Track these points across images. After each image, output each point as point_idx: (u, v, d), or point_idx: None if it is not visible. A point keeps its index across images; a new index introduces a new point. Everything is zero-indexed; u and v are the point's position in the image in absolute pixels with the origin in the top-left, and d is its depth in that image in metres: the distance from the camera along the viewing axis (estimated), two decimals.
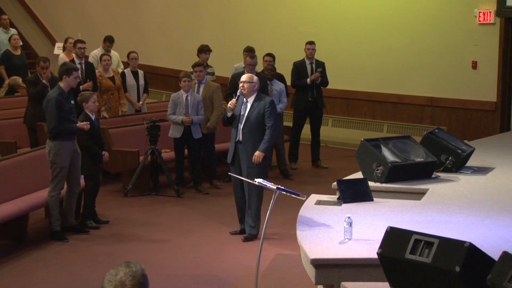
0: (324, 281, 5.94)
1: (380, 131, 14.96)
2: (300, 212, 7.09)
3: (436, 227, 6.35)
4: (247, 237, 9.16)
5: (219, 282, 7.95)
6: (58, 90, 9.25)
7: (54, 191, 9.22)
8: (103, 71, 12.77)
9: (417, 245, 4.89)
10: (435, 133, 9.02)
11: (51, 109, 9.16)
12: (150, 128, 11.22)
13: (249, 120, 9.04)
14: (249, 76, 9.22)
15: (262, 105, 9.06)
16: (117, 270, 3.17)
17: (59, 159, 9.16)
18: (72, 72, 9.27)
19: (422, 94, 14.70)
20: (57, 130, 9.16)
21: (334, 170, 13.11)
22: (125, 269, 3.18)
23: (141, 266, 3.22)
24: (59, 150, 9.16)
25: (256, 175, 8.79)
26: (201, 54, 13.01)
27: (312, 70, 13.15)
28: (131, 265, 3.19)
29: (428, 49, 14.55)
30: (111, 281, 3.15)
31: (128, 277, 3.15)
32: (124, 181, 11.62)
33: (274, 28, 16.14)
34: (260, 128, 9.05)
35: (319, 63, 13.23)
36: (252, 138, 9.03)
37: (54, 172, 9.20)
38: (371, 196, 7.57)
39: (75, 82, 9.39)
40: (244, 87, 9.08)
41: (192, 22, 17.44)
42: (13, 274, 8.14)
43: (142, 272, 3.19)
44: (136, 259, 8.56)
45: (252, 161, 8.97)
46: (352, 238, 6.20)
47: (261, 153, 8.98)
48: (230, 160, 9.19)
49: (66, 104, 9.21)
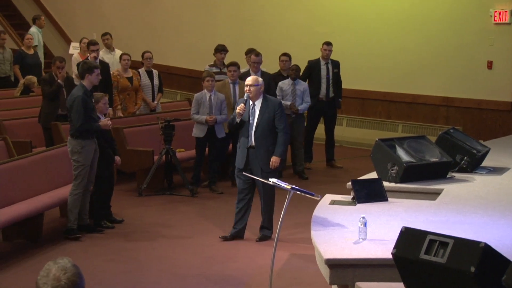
0: (339, 281, 5.92)
1: (394, 131, 14.92)
2: (314, 212, 7.08)
3: (451, 227, 6.33)
4: (261, 238, 9.14)
5: (233, 281, 7.95)
6: (82, 89, 9.27)
7: (77, 189, 9.24)
8: (122, 71, 12.79)
9: (432, 246, 4.87)
10: (450, 133, 8.98)
11: (77, 108, 9.17)
12: (164, 128, 11.23)
13: (260, 125, 8.93)
14: (254, 79, 9.08)
15: (271, 108, 8.96)
16: (47, 270, 3.17)
17: (82, 157, 9.19)
18: (94, 70, 9.30)
19: (437, 94, 14.66)
20: (84, 128, 9.17)
21: (348, 170, 13.09)
22: (54, 266, 3.17)
23: (67, 258, 3.22)
24: (82, 148, 9.20)
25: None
26: (216, 53, 13.00)
27: (327, 70, 13.13)
28: (58, 261, 3.19)
29: (443, 49, 14.50)
30: (46, 283, 3.14)
31: (61, 272, 3.15)
32: (139, 181, 11.64)
33: (288, 28, 16.12)
34: (272, 132, 8.96)
35: (334, 63, 13.22)
36: (265, 142, 8.93)
37: (77, 170, 9.22)
38: (385, 196, 7.55)
39: (97, 79, 9.41)
40: (251, 90, 8.94)
41: (206, 22, 17.45)
42: (28, 273, 8.16)
43: (72, 264, 3.19)
44: (149, 258, 8.60)
45: (270, 167, 8.89)
46: (366, 238, 6.18)
47: (278, 158, 8.91)
48: (242, 165, 9.03)
49: (90, 102, 9.26)
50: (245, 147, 8.99)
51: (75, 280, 3.15)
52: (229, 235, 9.15)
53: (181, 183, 11.69)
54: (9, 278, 8.00)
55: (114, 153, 9.85)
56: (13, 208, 8.85)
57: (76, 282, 3.15)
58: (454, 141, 8.84)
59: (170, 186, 11.63)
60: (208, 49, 14.90)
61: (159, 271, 8.23)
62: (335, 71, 13.15)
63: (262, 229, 9.18)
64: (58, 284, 3.12)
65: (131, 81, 12.78)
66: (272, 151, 8.94)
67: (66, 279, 3.14)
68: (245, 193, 9.08)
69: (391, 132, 14.69)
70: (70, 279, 3.14)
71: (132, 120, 12.47)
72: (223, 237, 9.16)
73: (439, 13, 14.57)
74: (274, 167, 8.92)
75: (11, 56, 15.12)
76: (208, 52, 15.79)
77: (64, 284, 3.12)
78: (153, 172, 11.33)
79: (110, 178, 9.88)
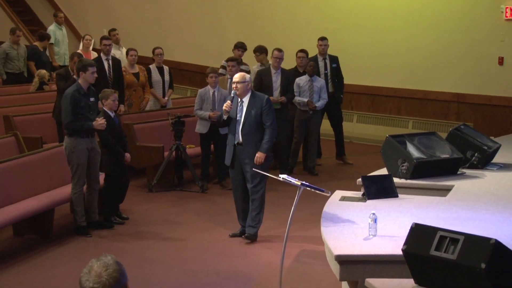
0: (349, 277, 5.92)
1: (405, 127, 14.89)
2: (324, 208, 7.07)
3: (461, 223, 6.32)
4: (248, 237, 9.01)
5: (243, 277, 7.96)
6: (76, 87, 9.25)
7: (76, 188, 9.26)
8: (129, 67, 12.79)
9: (442, 242, 4.86)
10: (461, 130, 8.96)
11: (66, 105, 9.19)
12: (175, 124, 11.23)
13: (248, 121, 8.85)
14: (241, 76, 8.96)
15: (258, 104, 8.87)
16: (89, 267, 3.19)
17: (75, 156, 9.17)
18: (88, 68, 9.24)
19: (448, 90, 14.62)
20: (71, 126, 9.15)
21: (358, 166, 13.07)
22: (97, 263, 3.20)
23: (111, 255, 3.23)
24: (74, 147, 9.17)
25: (260, 177, 8.78)
26: (234, 50, 12.99)
27: (325, 66, 13.08)
28: (101, 258, 3.21)
29: (454, 45, 14.46)
30: (88, 279, 3.16)
31: (102, 268, 3.17)
32: (149, 177, 11.66)
33: (298, 25, 16.10)
34: (259, 128, 8.87)
35: (332, 58, 13.16)
36: (252, 139, 8.85)
37: (72, 170, 9.23)
38: (396, 192, 7.53)
39: (92, 77, 9.33)
40: (238, 87, 8.85)
41: (217, 18, 17.45)
42: (38, 268, 8.19)
43: (114, 260, 3.20)
44: (159, 254, 8.61)
45: (254, 162, 8.79)
46: (376, 234, 6.17)
47: (263, 154, 8.81)
48: (229, 163, 9.00)
49: (82, 100, 9.19)
50: (233, 144, 8.93)
51: (117, 276, 3.17)
52: (238, 232, 9.15)
53: (191, 179, 11.70)
54: (19, 273, 8.03)
55: (124, 150, 9.83)
56: (23, 204, 8.88)
57: (117, 278, 3.16)
58: (465, 137, 8.81)
59: (180, 182, 11.64)
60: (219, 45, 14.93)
61: (169, 267, 8.24)
62: (333, 66, 13.10)
63: (247, 228, 9.04)
64: (100, 281, 3.14)
65: (138, 77, 12.79)
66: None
67: (108, 276, 3.15)
68: (237, 189, 9.06)
69: (402, 128, 14.65)
70: (111, 275, 3.16)
71: (142, 116, 12.48)
72: (232, 235, 9.17)
73: (450, 9, 14.52)
74: (258, 163, 8.77)
75: (25, 52, 15.19)
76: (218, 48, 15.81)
77: (105, 281, 3.14)
78: (163, 168, 11.34)
79: (122, 175, 9.86)
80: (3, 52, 14.94)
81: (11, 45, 15.02)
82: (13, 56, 14.99)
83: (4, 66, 14.96)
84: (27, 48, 15.54)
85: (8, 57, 14.95)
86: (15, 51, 14.99)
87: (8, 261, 8.42)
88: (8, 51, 14.95)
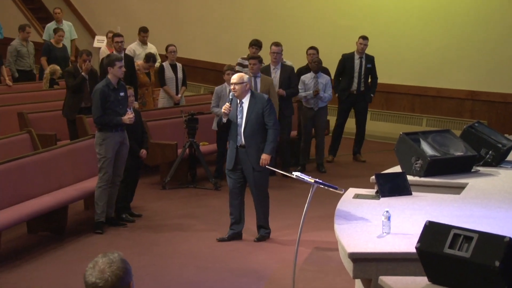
0: (362, 275, 5.91)
1: (419, 125, 14.86)
2: (338, 206, 7.06)
3: (475, 221, 6.29)
4: (259, 238, 8.97)
5: (256, 274, 7.95)
6: (105, 82, 9.32)
7: (101, 182, 9.28)
8: (143, 68, 12.85)
9: (456, 240, 4.85)
10: (475, 127, 8.92)
11: (95, 100, 9.26)
12: (188, 121, 11.24)
13: (249, 122, 8.69)
14: (239, 77, 8.75)
15: (259, 104, 8.71)
16: (94, 262, 3.20)
17: (103, 150, 9.22)
18: (115, 63, 9.31)
19: (462, 88, 14.57)
20: (100, 121, 9.23)
21: (372, 163, 13.06)
22: (102, 259, 3.20)
23: (118, 252, 3.23)
24: (103, 140, 9.23)
25: (264, 178, 8.77)
26: (250, 47, 12.99)
27: (360, 64, 13.11)
28: (108, 254, 3.22)
29: (469, 42, 14.41)
30: (91, 274, 3.17)
31: (106, 265, 3.17)
32: (162, 174, 11.68)
33: (313, 21, 16.08)
34: (261, 129, 8.72)
35: (368, 58, 13.18)
36: (255, 140, 8.70)
37: (100, 163, 9.26)
38: (409, 190, 7.51)
39: (121, 72, 9.40)
40: (236, 88, 8.67)
41: (231, 15, 17.45)
42: (52, 265, 8.22)
43: (120, 258, 3.20)
44: (172, 250, 8.63)
45: (260, 164, 8.68)
46: (390, 232, 6.15)
47: (268, 156, 8.69)
48: (231, 166, 8.82)
49: (111, 95, 9.26)
50: (235, 146, 8.78)
51: (120, 274, 3.17)
52: (226, 237, 8.98)
53: (204, 176, 11.71)
54: (33, 270, 8.06)
55: (141, 146, 9.84)
56: (37, 201, 8.91)
57: (120, 276, 3.17)
58: (479, 135, 8.77)
59: (194, 179, 11.65)
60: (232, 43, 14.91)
61: (182, 264, 8.25)
62: (368, 66, 13.11)
63: (259, 229, 9.01)
64: (102, 276, 3.15)
65: (149, 76, 12.88)
66: (263, 149, 8.72)
67: (110, 272, 3.16)
68: (236, 194, 8.90)
69: (416, 126, 14.63)
70: (115, 272, 3.16)
71: (156, 114, 12.50)
72: (220, 239, 8.99)
73: (465, 6, 14.47)
74: (264, 165, 8.66)
75: (33, 49, 15.20)
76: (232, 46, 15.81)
77: (108, 277, 3.15)
78: (177, 165, 11.36)
79: (133, 171, 9.88)
80: (14, 49, 14.93)
81: (21, 42, 15.02)
82: (24, 53, 14.99)
83: (15, 63, 14.97)
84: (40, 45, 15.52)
85: (19, 55, 14.95)
86: (25, 48, 15.00)
87: (22, 257, 8.45)
88: (19, 48, 14.95)
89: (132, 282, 3.23)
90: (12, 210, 8.51)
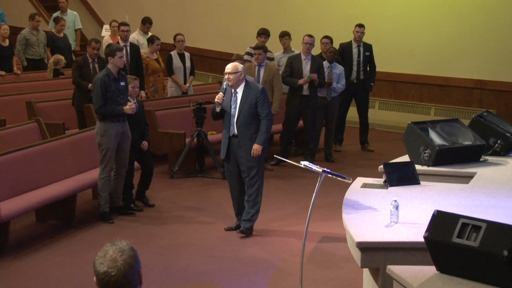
0: (370, 264, 5.91)
1: (427, 114, 14.83)
2: (346, 195, 7.06)
3: (484, 211, 6.28)
4: (243, 231, 8.82)
5: (265, 264, 7.97)
6: (105, 71, 9.33)
7: (103, 173, 9.30)
8: (150, 53, 12.83)
9: (464, 229, 4.84)
10: (484, 116, 8.90)
11: (96, 90, 9.26)
12: (196, 110, 11.25)
13: (242, 112, 8.58)
14: (233, 66, 8.64)
15: (253, 94, 8.58)
16: (104, 251, 3.21)
17: (104, 141, 9.23)
18: (115, 53, 9.30)
19: (470, 77, 14.53)
20: (101, 111, 9.23)
21: (380, 153, 13.05)
22: (112, 247, 3.21)
23: (126, 241, 3.25)
24: (105, 131, 9.23)
25: (256, 169, 8.66)
26: (258, 37, 12.97)
27: (359, 53, 13.10)
28: (117, 243, 3.23)
29: (477, 31, 14.36)
30: (102, 263, 3.17)
31: (118, 253, 3.18)
32: (170, 163, 11.69)
33: (321, 11, 16.04)
34: (255, 119, 8.61)
35: (367, 46, 13.17)
36: (248, 130, 8.60)
37: (101, 154, 9.27)
38: (417, 179, 7.50)
39: (121, 62, 9.40)
40: (230, 78, 8.58)
41: (239, 5, 17.41)
42: (61, 254, 8.25)
43: (129, 246, 3.22)
44: (181, 240, 8.65)
45: (251, 155, 8.60)
46: (398, 221, 6.15)
47: (260, 146, 8.57)
48: (224, 156, 8.75)
49: (112, 85, 9.26)
50: (227, 136, 8.70)
51: (131, 262, 3.19)
52: (234, 226, 8.96)
53: (212, 165, 11.72)
54: (42, 259, 8.09)
55: (143, 138, 9.82)
56: (46, 190, 8.94)
57: (131, 264, 3.19)
58: (488, 124, 8.75)
59: (202, 168, 11.67)
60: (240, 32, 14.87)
61: (191, 254, 8.26)
62: (366, 54, 13.09)
63: (243, 222, 8.85)
64: (114, 265, 3.16)
65: (159, 63, 12.86)
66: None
67: (122, 261, 3.17)
68: (234, 185, 8.82)
69: (424, 115, 14.59)
70: (126, 261, 3.18)
71: (164, 103, 12.51)
72: (228, 228, 8.97)
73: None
74: (255, 155, 8.56)
75: (45, 38, 15.18)
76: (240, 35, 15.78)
77: (120, 266, 3.16)
78: (185, 155, 11.37)
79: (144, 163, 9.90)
80: (23, 38, 14.91)
81: (31, 31, 14.99)
82: (33, 42, 14.97)
83: (25, 52, 14.97)
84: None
85: (28, 43, 14.93)
86: (34, 37, 14.98)
87: (31, 246, 8.49)
88: (28, 37, 14.93)
89: (141, 271, 3.24)
90: (20, 198, 8.54)
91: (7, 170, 8.65)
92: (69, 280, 7.55)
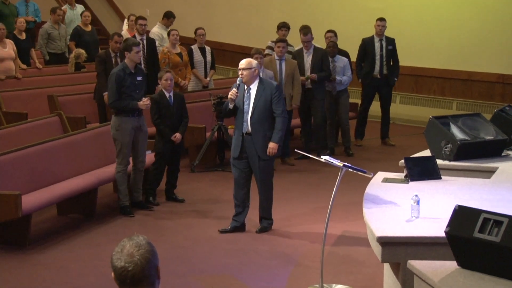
0: (391, 259, 5.89)
1: (449, 108, 14.76)
2: (366, 190, 7.04)
3: (505, 206, 6.24)
4: (261, 229, 8.75)
5: (285, 258, 7.97)
6: (121, 66, 9.36)
7: (120, 167, 9.32)
8: (171, 47, 12.82)
9: (486, 224, 4.82)
10: (506, 111, 8.84)
11: (110, 84, 9.30)
12: (217, 104, 11.24)
13: (257, 109, 8.44)
14: (247, 62, 8.49)
15: (268, 91, 8.45)
16: (121, 246, 3.20)
17: (119, 135, 9.25)
18: (132, 48, 9.31)
19: (492, 71, 14.45)
20: (115, 105, 9.25)
21: (401, 147, 13.00)
22: (129, 242, 3.21)
23: (143, 236, 3.25)
24: (119, 125, 9.25)
25: (269, 168, 8.62)
26: (278, 31, 12.95)
27: (381, 47, 13.04)
28: (134, 238, 3.22)
29: (500, 25, 14.27)
30: (119, 258, 3.17)
31: (135, 248, 3.18)
32: (191, 157, 11.71)
33: (342, 5, 16.01)
34: (269, 117, 8.47)
35: (389, 40, 13.11)
36: (262, 128, 8.46)
37: (117, 148, 9.30)
38: (439, 174, 7.46)
39: (138, 57, 9.42)
40: (243, 74, 8.43)
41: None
42: (82, 247, 8.28)
43: (146, 241, 3.22)
44: (202, 233, 8.66)
45: (267, 153, 8.47)
46: (419, 216, 6.13)
47: (276, 144, 8.44)
48: (236, 154, 8.56)
49: (127, 79, 9.27)
50: (240, 134, 8.54)
51: (148, 257, 3.18)
52: (229, 228, 8.79)
53: None
54: (63, 252, 8.13)
55: (175, 129, 9.77)
56: (67, 183, 8.98)
57: (149, 259, 3.18)
58: (510, 118, 8.69)
59: (222, 162, 11.68)
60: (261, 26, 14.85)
61: (210, 247, 8.27)
62: (389, 48, 13.03)
63: (261, 220, 8.82)
64: (132, 260, 3.16)
65: (181, 57, 12.84)
66: (270, 137, 8.49)
67: (140, 256, 3.17)
68: (242, 184, 8.66)
69: (446, 110, 14.52)
70: (144, 255, 3.18)
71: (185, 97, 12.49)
72: (222, 230, 8.79)
73: None
74: (271, 154, 8.47)
75: (66, 32, 15.23)
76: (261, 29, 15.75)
77: (137, 261, 3.16)
78: (206, 149, 11.38)
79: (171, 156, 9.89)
80: (45, 32, 14.95)
81: (53, 25, 15.03)
82: (55, 36, 15.01)
83: (46, 46, 15.02)
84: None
85: (50, 37, 14.97)
86: (56, 31, 15.02)
87: (53, 239, 8.53)
88: (50, 31, 14.97)
89: (159, 265, 3.24)
90: (42, 192, 8.59)
91: (28, 163, 8.70)
92: (90, 273, 7.58)
